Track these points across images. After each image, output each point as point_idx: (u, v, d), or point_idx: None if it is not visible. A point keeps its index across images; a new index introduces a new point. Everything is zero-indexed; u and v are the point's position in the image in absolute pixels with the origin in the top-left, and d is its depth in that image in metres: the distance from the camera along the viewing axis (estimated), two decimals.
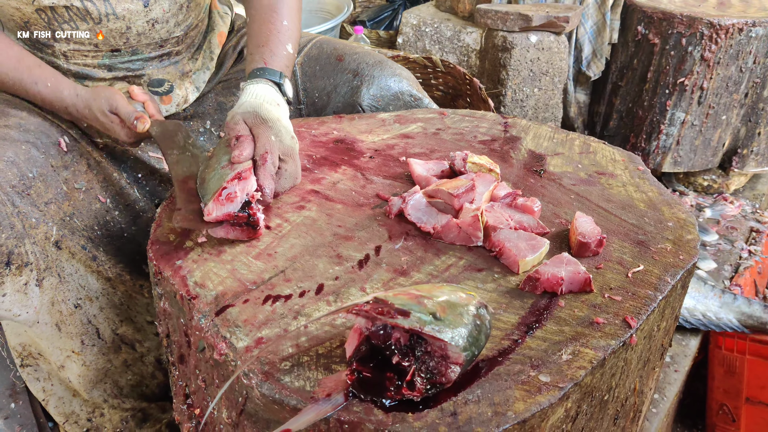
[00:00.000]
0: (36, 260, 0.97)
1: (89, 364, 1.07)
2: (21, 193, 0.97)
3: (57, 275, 1.01)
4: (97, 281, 1.07)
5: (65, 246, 1.02)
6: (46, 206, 1.00)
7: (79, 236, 1.05)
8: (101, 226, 1.09)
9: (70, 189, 1.05)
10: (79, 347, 1.06)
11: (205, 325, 0.70)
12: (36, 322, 1.00)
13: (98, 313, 1.08)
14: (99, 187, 1.10)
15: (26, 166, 0.99)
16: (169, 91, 1.17)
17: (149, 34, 1.10)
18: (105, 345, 1.09)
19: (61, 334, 1.04)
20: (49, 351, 1.05)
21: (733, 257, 1.74)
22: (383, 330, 0.60)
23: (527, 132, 1.15)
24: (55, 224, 1.01)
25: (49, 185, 1.02)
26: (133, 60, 1.12)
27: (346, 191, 0.96)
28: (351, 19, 2.69)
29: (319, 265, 0.80)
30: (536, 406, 0.60)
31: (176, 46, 1.15)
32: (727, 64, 1.85)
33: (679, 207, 0.93)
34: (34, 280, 0.97)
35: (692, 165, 2.02)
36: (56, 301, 1.01)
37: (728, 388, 1.47)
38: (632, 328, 0.70)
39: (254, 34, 1.07)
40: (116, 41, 1.08)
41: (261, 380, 0.63)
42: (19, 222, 0.95)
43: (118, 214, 1.12)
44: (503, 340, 0.68)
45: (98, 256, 1.07)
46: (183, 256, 0.81)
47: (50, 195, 1.02)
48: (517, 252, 0.79)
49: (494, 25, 1.88)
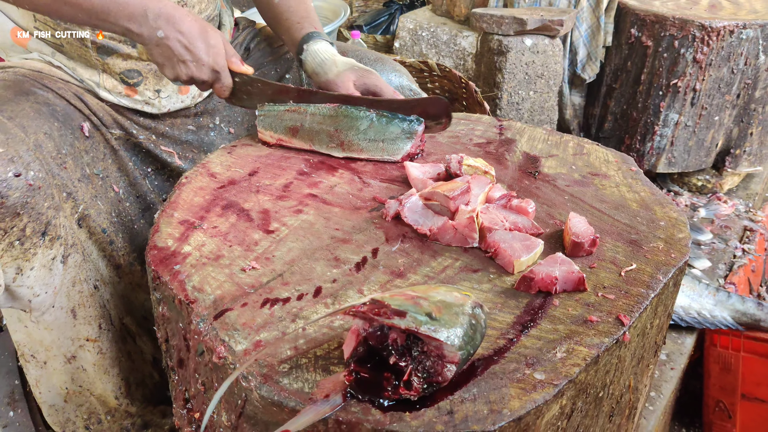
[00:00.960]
0: (65, 235, 0.98)
1: (105, 351, 1.08)
2: (59, 166, 1.00)
3: (81, 253, 1.02)
4: (106, 267, 1.09)
5: (86, 225, 1.04)
6: (78, 182, 1.03)
7: (102, 218, 1.07)
8: (116, 214, 1.12)
9: (91, 173, 1.08)
10: (96, 332, 1.07)
11: (203, 329, 0.71)
12: (51, 306, 1.00)
13: (110, 298, 1.09)
14: (114, 176, 1.13)
15: (60, 141, 1.02)
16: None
17: None
18: (116, 332, 1.10)
19: (76, 321, 1.04)
20: (57, 342, 1.04)
21: (727, 256, 1.76)
22: (380, 331, 0.61)
23: (522, 134, 1.17)
24: (84, 202, 1.04)
25: (77, 165, 1.04)
26: None
27: (344, 194, 0.97)
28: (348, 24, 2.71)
29: (317, 268, 0.81)
30: (531, 404, 0.61)
31: None
32: (719, 66, 1.87)
33: (670, 206, 0.95)
34: (61, 256, 0.98)
35: (686, 165, 2.03)
36: (77, 281, 1.02)
37: (724, 385, 1.48)
38: (625, 326, 0.72)
39: (294, 11, 1.24)
40: None
41: (260, 382, 0.64)
42: (57, 193, 0.97)
43: (129, 205, 1.15)
44: (499, 339, 0.69)
45: (115, 241, 1.10)
46: (181, 260, 0.82)
47: (78, 174, 1.04)
48: (512, 252, 0.80)
49: (489, 29, 1.90)
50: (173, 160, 1.20)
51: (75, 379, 1.08)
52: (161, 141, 1.19)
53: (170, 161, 1.20)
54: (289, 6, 1.24)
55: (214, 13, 1.24)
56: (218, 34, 1.02)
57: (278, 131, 1.08)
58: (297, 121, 1.07)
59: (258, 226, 0.89)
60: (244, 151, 1.10)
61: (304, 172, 1.04)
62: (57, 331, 1.03)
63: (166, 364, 0.89)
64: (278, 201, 0.95)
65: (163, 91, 1.18)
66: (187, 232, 0.88)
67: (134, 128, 1.16)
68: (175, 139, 1.22)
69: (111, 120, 1.13)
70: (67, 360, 1.06)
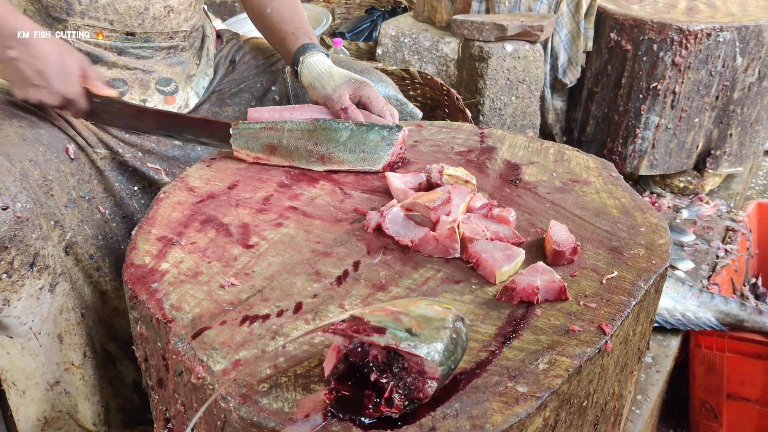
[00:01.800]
0: (54, 264, 0.97)
1: (87, 379, 1.06)
2: (46, 194, 0.98)
3: (69, 281, 1.01)
4: (91, 294, 1.07)
5: (72, 252, 1.02)
6: (65, 209, 1.01)
7: (90, 244, 1.06)
8: (103, 236, 1.10)
9: (77, 197, 1.06)
10: (81, 360, 1.05)
11: (181, 348, 0.70)
12: (38, 333, 0.98)
13: (93, 325, 1.07)
14: (100, 197, 1.11)
15: (45, 167, 1.00)
16: (174, 92, 1.20)
17: (163, 21, 1.13)
18: (99, 359, 1.08)
19: (63, 346, 1.02)
20: (40, 370, 1.03)
21: (710, 257, 1.77)
22: (361, 347, 0.61)
23: (503, 142, 1.17)
24: (71, 229, 1.02)
25: (63, 190, 1.02)
26: (144, 47, 1.13)
27: (325, 206, 0.97)
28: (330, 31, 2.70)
29: (298, 282, 0.80)
30: (514, 418, 0.61)
31: (183, 41, 1.19)
32: (697, 69, 1.89)
33: (651, 212, 0.95)
34: (48, 285, 0.96)
35: (668, 167, 2.05)
36: (65, 309, 1.00)
37: (709, 385, 1.49)
38: (607, 335, 0.71)
39: (287, 21, 1.24)
40: (131, 21, 1.09)
41: (239, 403, 0.62)
42: (45, 222, 0.95)
43: (115, 226, 1.13)
44: (481, 351, 0.69)
45: (102, 267, 1.08)
46: (159, 278, 0.80)
47: (65, 199, 1.03)
48: (493, 263, 0.80)
49: (470, 35, 1.90)
50: (160, 176, 1.19)
51: (55, 405, 1.07)
52: (148, 158, 1.18)
53: (157, 178, 1.19)
54: (282, 16, 1.23)
55: (200, 23, 1.24)
56: (76, 60, 0.99)
57: (255, 150, 1.07)
58: (274, 138, 1.06)
59: (237, 240, 0.87)
60: (223, 164, 1.09)
61: (284, 184, 1.03)
62: (43, 357, 1.02)
63: (146, 383, 0.88)
64: (258, 214, 0.94)
65: (150, 101, 1.17)
66: (165, 249, 0.86)
67: (119, 146, 1.15)
68: (162, 155, 1.20)
69: (96, 139, 1.12)
70: (49, 387, 1.04)
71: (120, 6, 1.08)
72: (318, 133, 1.04)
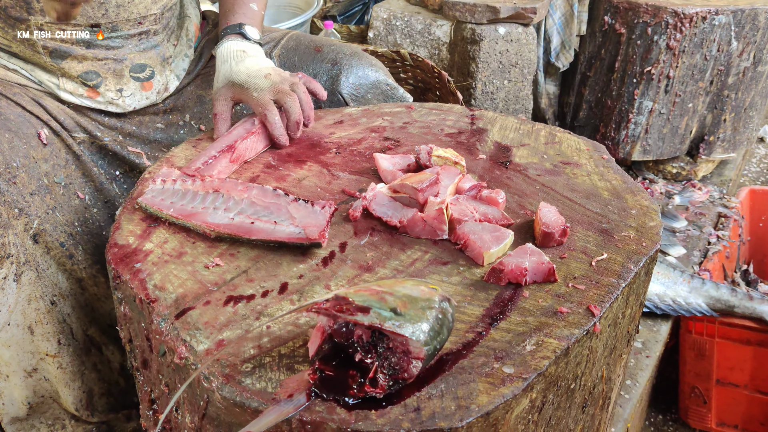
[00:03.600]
0: (17, 253, 0.95)
1: (65, 366, 1.05)
2: (8, 181, 0.95)
3: (35, 270, 0.98)
4: (66, 281, 1.04)
5: (42, 240, 1.00)
6: (31, 197, 0.98)
7: (60, 232, 1.02)
8: (81, 222, 1.07)
9: (51, 183, 1.03)
10: (56, 348, 1.03)
11: (165, 328, 0.69)
12: (7, 324, 0.97)
13: (71, 311, 1.05)
14: (78, 182, 1.08)
15: (10, 154, 0.97)
16: (150, 77, 1.16)
17: (128, 7, 1.07)
18: (78, 345, 1.06)
19: (34, 337, 1.01)
20: (16, 358, 1.02)
21: (701, 243, 1.77)
22: (345, 327, 0.60)
23: (494, 124, 1.15)
24: (38, 217, 0.99)
25: (31, 177, 0.99)
26: (112, 37, 1.09)
27: (312, 188, 0.95)
28: (321, 14, 2.66)
29: (283, 263, 0.78)
30: (500, 398, 0.60)
31: (154, 24, 1.13)
32: (692, 53, 1.87)
33: (642, 194, 0.94)
34: (13, 274, 0.94)
35: (661, 153, 2.04)
36: (33, 298, 0.98)
37: (699, 371, 1.49)
38: (596, 317, 0.71)
39: (222, 4, 1.17)
40: (95, 12, 1.05)
41: (222, 383, 0.62)
42: (5, 211, 0.93)
43: (96, 212, 1.10)
44: (467, 332, 0.68)
45: (75, 255, 1.05)
46: (143, 258, 0.79)
47: (33, 186, 0.99)
48: (481, 244, 0.79)
49: (462, 17, 1.88)
50: (141, 160, 1.16)
51: (37, 391, 1.05)
52: (128, 141, 1.15)
53: (138, 162, 1.16)
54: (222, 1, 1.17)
55: (174, 1, 1.18)
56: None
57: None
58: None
59: None
60: (209, 144, 1.07)
61: (271, 165, 1.01)
62: (15, 347, 1.00)
63: (130, 364, 0.87)
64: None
65: (125, 89, 1.13)
66: (150, 229, 0.85)
67: (98, 130, 1.12)
68: (143, 138, 1.18)
69: (73, 123, 1.09)
70: (27, 374, 1.03)
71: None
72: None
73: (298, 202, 0.85)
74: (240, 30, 1.11)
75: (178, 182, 0.89)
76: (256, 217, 0.83)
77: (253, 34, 1.12)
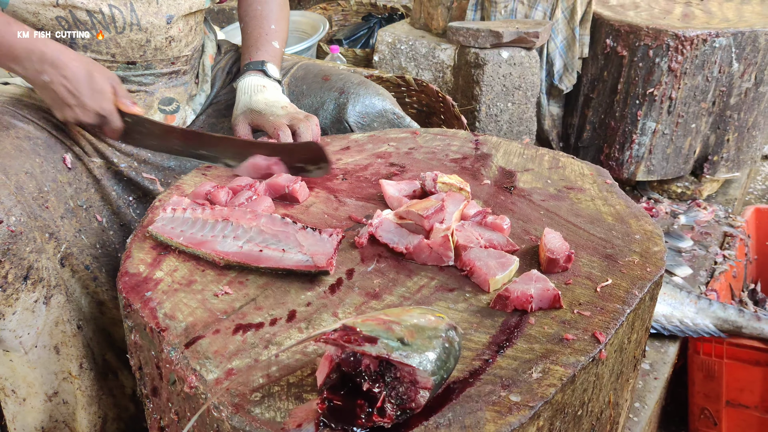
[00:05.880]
0: (48, 276, 0.97)
1: (84, 390, 1.06)
2: (41, 206, 0.98)
3: (64, 293, 1.01)
4: (89, 305, 1.06)
5: (68, 264, 1.02)
6: (61, 220, 1.02)
7: (86, 255, 1.06)
8: (101, 245, 1.10)
9: (75, 206, 1.06)
10: (77, 371, 1.05)
11: (175, 357, 0.70)
12: (34, 346, 0.98)
13: (92, 336, 1.07)
14: (97, 206, 1.11)
15: (41, 179, 1.00)
16: (175, 111, 1.22)
17: (165, 51, 1.14)
18: (98, 370, 1.08)
19: (60, 357, 1.02)
20: (39, 380, 1.02)
21: (708, 262, 1.77)
22: (353, 357, 0.60)
23: (498, 149, 1.17)
24: (66, 240, 1.02)
25: (60, 200, 1.03)
26: (145, 74, 1.15)
27: (319, 214, 0.97)
28: (327, 38, 2.71)
29: (291, 291, 0.80)
30: (507, 427, 0.61)
31: (184, 65, 1.21)
32: (693, 74, 1.89)
33: (646, 219, 0.95)
34: (43, 297, 0.97)
35: (665, 173, 2.05)
36: (60, 321, 1.00)
37: (708, 392, 1.48)
38: (601, 344, 0.71)
39: (245, 39, 1.25)
40: (133, 53, 1.11)
41: (231, 413, 0.62)
42: (39, 235, 0.95)
43: (113, 234, 1.13)
44: (474, 360, 0.69)
45: (99, 277, 1.08)
46: (153, 287, 0.80)
47: (62, 210, 1.03)
48: (487, 270, 0.80)
49: (466, 42, 1.91)
50: (155, 187, 1.19)
51: (53, 415, 1.06)
52: (143, 168, 1.18)
53: (152, 188, 1.18)
54: (244, 35, 1.25)
55: (200, 42, 1.25)
56: (106, 78, 1.00)
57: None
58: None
59: None
60: (219, 172, 1.09)
61: None
62: (40, 369, 1.02)
63: (140, 392, 0.87)
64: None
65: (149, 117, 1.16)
66: (160, 257, 0.86)
67: (115, 156, 1.15)
68: (157, 165, 1.20)
69: (91, 149, 1.12)
70: (48, 398, 1.04)
71: (122, 40, 1.09)
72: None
73: (306, 230, 0.86)
74: (262, 67, 1.19)
75: (188, 210, 0.91)
76: (265, 245, 0.84)
77: (274, 73, 1.20)
